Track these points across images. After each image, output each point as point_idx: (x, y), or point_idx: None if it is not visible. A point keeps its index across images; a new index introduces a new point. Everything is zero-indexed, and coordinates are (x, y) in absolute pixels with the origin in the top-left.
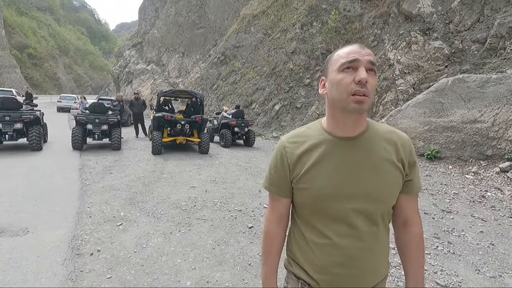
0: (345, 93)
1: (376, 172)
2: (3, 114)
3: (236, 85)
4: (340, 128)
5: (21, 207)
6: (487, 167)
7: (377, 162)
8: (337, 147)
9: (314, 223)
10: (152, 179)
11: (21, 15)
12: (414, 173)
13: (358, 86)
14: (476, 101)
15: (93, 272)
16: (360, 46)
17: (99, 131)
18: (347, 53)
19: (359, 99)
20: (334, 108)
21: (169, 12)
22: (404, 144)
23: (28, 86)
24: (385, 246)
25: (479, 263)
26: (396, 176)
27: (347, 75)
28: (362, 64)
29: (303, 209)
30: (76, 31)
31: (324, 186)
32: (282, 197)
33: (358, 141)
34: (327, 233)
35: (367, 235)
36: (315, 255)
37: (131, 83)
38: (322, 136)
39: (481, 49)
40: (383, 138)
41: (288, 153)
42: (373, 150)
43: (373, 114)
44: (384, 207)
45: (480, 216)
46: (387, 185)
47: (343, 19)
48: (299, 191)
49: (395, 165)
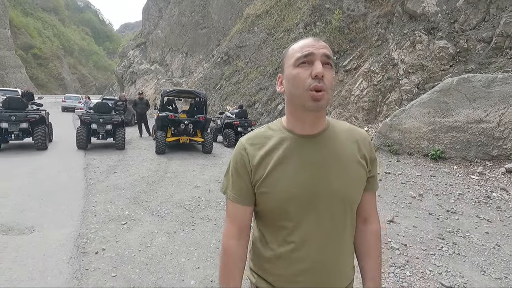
0: (302, 88)
1: (341, 171)
2: (9, 114)
3: (239, 85)
4: (300, 126)
5: (27, 206)
6: (492, 167)
7: (341, 160)
8: (298, 145)
9: (277, 230)
10: (156, 179)
11: (26, 16)
12: (375, 169)
13: (315, 81)
14: (482, 101)
15: (98, 270)
16: (314, 39)
17: (104, 131)
18: (301, 47)
19: (316, 96)
20: (292, 105)
21: (172, 12)
22: (364, 141)
23: (32, 87)
24: (351, 247)
25: (484, 264)
26: (360, 174)
27: (303, 70)
28: (317, 57)
29: (266, 215)
30: (81, 31)
31: (287, 187)
32: (245, 205)
33: (320, 139)
34: (291, 239)
35: (333, 237)
36: (279, 264)
37: (135, 83)
38: (283, 135)
39: (486, 48)
40: (344, 136)
41: (249, 156)
42: (336, 147)
43: (377, 114)
44: (351, 206)
45: (485, 217)
46: (353, 184)
47: (347, 19)
48: (262, 196)
49: (359, 162)
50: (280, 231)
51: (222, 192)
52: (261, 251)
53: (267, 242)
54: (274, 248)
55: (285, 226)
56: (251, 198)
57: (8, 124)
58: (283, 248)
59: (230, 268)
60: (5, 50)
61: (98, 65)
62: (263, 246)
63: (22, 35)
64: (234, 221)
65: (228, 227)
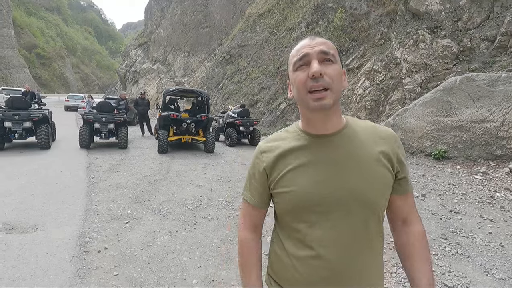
0: (303, 91)
1: (358, 171)
2: (13, 113)
3: (242, 84)
4: (312, 126)
5: (30, 204)
6: (496, 167)
7: (359, 160)
8: (313, 146)
9: (295, 233)
10: (158, 178)
11: (29, 16)
12: (406, 171)
13: (313, 81)
14: (485, 100)
15: (101, 269)
16: (310, 38)
17: (106, 130)
18: (298, 50)
19: (317, 95)
20: (301, 108)
21: (174, 12)
22: (390, 140)
23: (36, 87)
24: (378, 256)
25: (488, 264)
26: (383, 174)
27: (301, 72)
28: (313, 56)
29: (283, 217)
30: (84, 31)
31: (303, 188)
32: (259, 208)
33: (336, 138)
34: (310, 244)
35: (355, 243)
36: (297, 270)
37: (137, 83)
38: (298, 137)
39: (490, 47)
40: (365, 135)
41: (264, 157)
42: (354, 147)
43: (379, 113)
44: (373, 210)
45: (489, 217)
46: (373, 184)
47: (349, 18)
48: (278, 196)
49: (381, 163)
50: (296, 234)
51: (244, 196)
52: (278, 255)
53: (285, 247)
54: (291, 253)
55: (300, 229)
56: (266, 201)
57: (11, 123)
58: (300, 253)
59: (248, 259)
60: (9, 50)
61: (100, 65)
62: (281, 250)
63: (25, 35)
64: (248, 219)
65: (243, 222)
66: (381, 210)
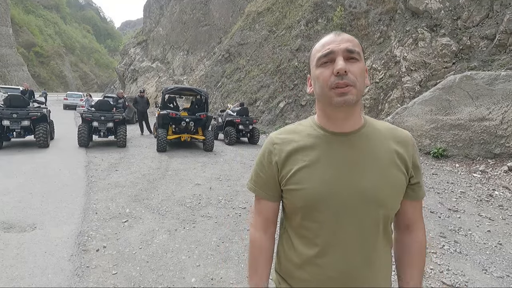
0: (326, 87)
1: (374, 172)
2: (11, 112)
3: (241, 83)
4: (332, 123)
5: (28, 203)
6: (495, 165)
7: (375, 161)
8: (330, 143)
9: (304, 231)
10: (157, 176)
11: (28, 14)
12: (420, 176)
13: (338, 79)
14: (484, 99)
15: (99, 268)
16: (336, 33)
17: (105, 129)
18: (323, 45)
19: (341, 90)
20: (322, 103)
21: (173, 10)
22: (406, 143)
23: (34, 85)
24: (387, 259)
25: (486, 262)
26: (397, 177)
27: (325, 69)
28: (339, 54)
29: (293, 214)
30: (82, 29)
31: (316, 186)
32: (270, 201)
33: (355, 137)
34: (319, 243)
35: (364, 244)
36: (305, 269)
37: (136, 81)
38: (314, 132)
39: (489, 45)
40: (383, 136)
41: (276, 150)
42: (371, 148)
43: (378, 111)
44: (384, 212)
45: (487, 215)
46: (387, 187)
47: (349, 16)
48: (289, 193)
49: (396, 165)
50: (305, 232)
51: (248, 187)
52: (287, 253)
53: (293, 244)
54: (300, 251)
55: (310, 227)
56: (277, 194)
57: (10, 121)
58: (308, 251)
59: (257, 259)
60: (7, 48)
61: (99, 63)
62: (289, 248)
63: (23, 33)
64: (259, 214)
65: (254, 219)
66: (392, 212)
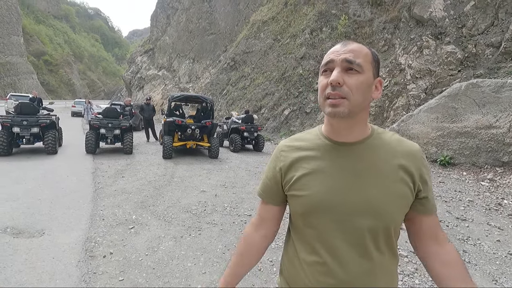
0: (322, 97)
1: (377, 184)
2: (21, 119)
3: (246, 90)
4: (336, 132)
5: (37, 209)
6: (503, 174)
7: (379, 173)
8: (333, 152)
9: (307, 238)
10: (163, 183)
11: (39, 23)
12: (429, 189)
13: (331, 89)
14: (491, 106)
15: (106, 274)
16: (343, 44)
17: (112, 136)
18: (328, 54)
19: (333, 102)
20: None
21: (180, 19)
22: (414, 156)
23: (43, 93)
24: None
25: (496, 273)
26: (400, 190)
27: (324, 78)
28: (337, 64)
29: (296, 220)
30: (91, 38)
31: (316, 193)
32: (270, 204)
33: (358, 148)
34: (318, 250)
35: (363, 255)
36: (306, 274)
37: (143, 89)
38: (319, 141)
39: (495, 53)
40: (389, 148)
41: (283, 157)
42: (376, 159)
43: (384, 119)
44: (385, 224)
45: (496, 225)
46: (390, 199)
47: (353, 24)
48: (292, 199)
49: (402, 178)
50: (306, 238)
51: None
52: (291, 258)
53: (296, 250)
54: (302, 257)
55: (310, 234)
56: (281, 199)
57: (19, 128)
58: (309, 258)
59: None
60: (18, 57)
61: (107, 71)
62: (293, 253)
63: (34, 42)
64: (258, 214)
65: (254, 218)
66: (395, 226)
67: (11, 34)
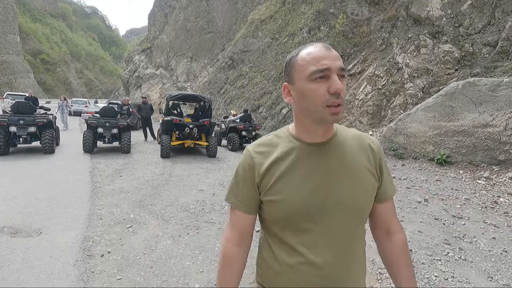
0: (321, 105)
1: (350, 179)
2: (18, 118)
3: (244, 89)
4: (309, 134)
5: (34, 208)
6: (499, 172)
7: (350, 168)
8: (307, 154)
9: (286, 240)
10: (160, 182)
11: (35, 22)
12: (386, 177)
13: (333, 97)
14: (488, 105)
15: (104, 273)
16: (326, 48)
17: (110, 135)
18: (316, 59)
19: (335, 110)
20: (305, 117)
21: (178, 18)
22: (374, 148)
23: (40, 92)
24: (362, 262)
25: (491, 270)
26: (370, 182)
27: (320, 85)
28: (334, 72)
29: (273, 225)
30: (88, 37)
31: (295, 196)
32: (247, 213)
33: (328, 147)
34: (300, 251)
35: (343, 249)
36: (289, 276)
37: (141, 87)
38: (291, 143)
39: (492, 52)
40: (353, 143)
41: (256, 164)
42: (344, 155)
43: (381, 118)
44: (361, 217)
45: (492, 222)
46: (362, 192)
47: (351, 23)
48: (268, 205)
49: (369, 170)
50: (286, 241)
51: (226, 199)
52: (269, 263)
53: (274, 254)
54: (282, 260)
55: (290, 236)
56: (255, 207)
57: (16, 128)
58: (291, 260)
59: (227, 270)
60: (14, 56)
61: (104, 70)
62: (271, 258)
63: (30, 41)
64: (235, 227)
65: (229, 233)
66: (367, 215)
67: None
